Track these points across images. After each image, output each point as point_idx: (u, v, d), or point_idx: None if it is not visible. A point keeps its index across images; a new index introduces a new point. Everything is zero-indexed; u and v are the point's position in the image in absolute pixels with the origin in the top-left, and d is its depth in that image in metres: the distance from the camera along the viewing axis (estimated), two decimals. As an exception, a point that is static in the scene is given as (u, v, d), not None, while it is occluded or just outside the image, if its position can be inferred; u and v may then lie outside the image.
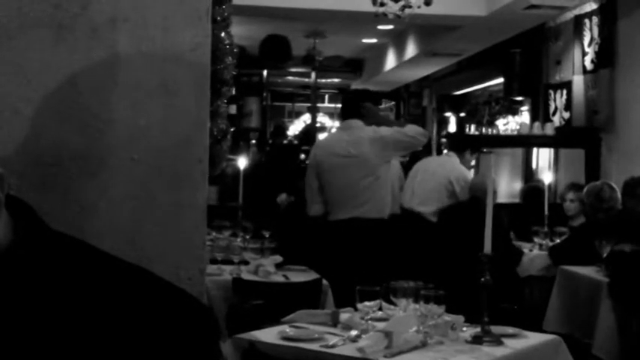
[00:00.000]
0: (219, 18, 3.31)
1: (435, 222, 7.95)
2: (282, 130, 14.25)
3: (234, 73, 5.55)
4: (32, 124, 1.97)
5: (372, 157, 6.03)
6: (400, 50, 13.49)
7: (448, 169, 8.21)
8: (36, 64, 1.97)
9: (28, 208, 1.28)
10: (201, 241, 2.07)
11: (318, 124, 16.54)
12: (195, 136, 2.04)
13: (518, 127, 10.21)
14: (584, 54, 9.44)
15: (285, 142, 13.79)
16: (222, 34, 3.53)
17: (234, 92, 6.03)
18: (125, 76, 2.01)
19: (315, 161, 6.31)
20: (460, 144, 9.13)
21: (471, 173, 10.11)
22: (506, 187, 11.35)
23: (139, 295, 1.23)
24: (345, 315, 4.01)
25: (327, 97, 19.26)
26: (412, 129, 6.26)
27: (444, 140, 12.47)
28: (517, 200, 9.50)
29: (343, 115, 6.52)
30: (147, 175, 2.01)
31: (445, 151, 9.14)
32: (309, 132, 13.92)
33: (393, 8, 7.69)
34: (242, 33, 10.57)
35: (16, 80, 1.96)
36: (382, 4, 7.70)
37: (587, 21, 9.37)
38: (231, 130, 5.75)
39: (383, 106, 16.20)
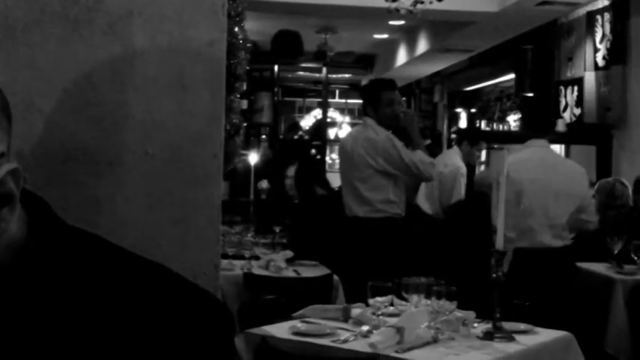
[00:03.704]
0: (232, 13, 3.31)
1: (443, 217, 7.97)
2: (296, 127, 14.26)
3: (247, 68, 5.56)
4: (47, 119, 1.97)
5: (357, 157, 5.99)
6: (411, 46, 13.47)
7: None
8: (52, 58, 1.97)
9: (42, 202, 1.27)
10: (216, 236, 2.07)
11: (328, 120, 16.52)
12: (210, 132, 2.03)
13: (529, 123, 10.20)
14: (595, 50, 9.41)
15: (295, 137, 13.79)
16: (236, 29, 3.53)
17: (245, 87, 6.03)
18: (140, 71, 2.01)
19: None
20: (459, 137, 9.15)
21: (481, 168, 10.11)
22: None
23: (154, 290, 1.23)
24: (356, 310, 4.01)
25: (337, 92, 19.23)
26: (416, 155, 5.93)
27: (453, 136, 12.47)
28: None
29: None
30: (162, 171, 2.01)
31: (454, 147, 9.10)
32: (320, 127, 13.92)
33: (405, 4, 7.69)
34: (253, 28, 10.55)
35: (32, 74, 1.96)
36: (394, 0, 7.69)
37: (599, 17, 9.34)
38: (244, 125, 5.76)
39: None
